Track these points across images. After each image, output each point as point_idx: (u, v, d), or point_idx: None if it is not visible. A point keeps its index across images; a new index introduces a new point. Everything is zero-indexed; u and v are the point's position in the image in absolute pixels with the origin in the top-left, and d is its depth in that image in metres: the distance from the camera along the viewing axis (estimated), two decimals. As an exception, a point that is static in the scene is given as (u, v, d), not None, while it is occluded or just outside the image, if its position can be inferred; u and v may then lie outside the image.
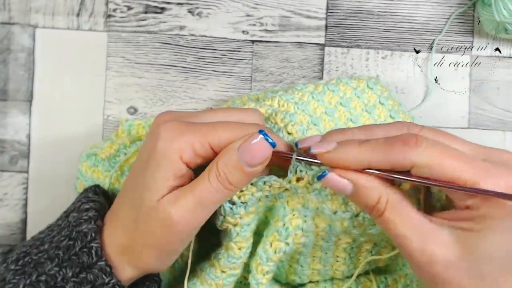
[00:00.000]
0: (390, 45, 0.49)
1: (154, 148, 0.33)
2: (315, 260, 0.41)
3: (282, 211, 0.36)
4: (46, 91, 0.48)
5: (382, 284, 0.42)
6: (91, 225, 0.35)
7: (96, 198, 0.38)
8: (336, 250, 0.40)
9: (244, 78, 0.49)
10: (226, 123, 0.34)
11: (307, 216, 0.36)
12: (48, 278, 0.34)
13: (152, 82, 0.48)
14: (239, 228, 0.36)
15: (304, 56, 0.48)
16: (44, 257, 0.35)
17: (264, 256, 0.37)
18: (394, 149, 0.31)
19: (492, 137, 0.48)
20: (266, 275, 0.38)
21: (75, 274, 0.34)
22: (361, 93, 0.42)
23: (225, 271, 0.38)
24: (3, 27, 0.48)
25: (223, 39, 0.48)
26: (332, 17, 0.48)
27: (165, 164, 0.33)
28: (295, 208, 0.36)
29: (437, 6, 0.49)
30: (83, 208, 0.37)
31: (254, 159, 0.33)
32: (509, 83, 0.49)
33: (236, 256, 0.37)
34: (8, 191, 0.48)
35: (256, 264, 0.38)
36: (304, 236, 0.37)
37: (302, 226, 0.36)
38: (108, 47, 0.48)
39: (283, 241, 0.36)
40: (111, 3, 0.48)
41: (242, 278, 0.43)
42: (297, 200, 0.36)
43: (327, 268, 0.41)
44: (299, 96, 0.41)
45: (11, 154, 0.48)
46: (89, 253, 0.34)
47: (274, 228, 0.37)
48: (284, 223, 0.36)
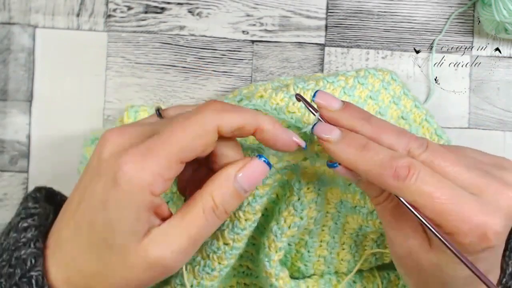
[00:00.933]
0: (390, 45, 0.49)
1: (115, 186, 0.28)
2: (322, 245, 0.41)
3: (297, 185, 0.36)
4: (46, 91, 0.48)
5: (385, 280, 0.42)
6: (30, 249, 0.31)
7: (35, 210, 0.34)
8: (343, 236, 0.40)
9: (244, 78, 0.49)
10: (180, 125, 0.30)
11: (320, 190, 0.37)
12: None
13: (152, 82, 0.48)
14: (251, 198, 0.36)
15: (304, 56, 0.48)
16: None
17: (279, 232, 0.37)
18: (384, 175, 0.30)
19: (492, 137, 0.48)
20: (279, 251, 0.37)
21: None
22: (388, 84, 0.42)
23: (228, 243, 0.37)
24: (3, 27, 0.48)
25: (223, 39, 0.48)
26: (332, 17, 0.49)
27: (135, 203, 0.29)
28: (310, 182, 0.37)
29: (437, 6, 0.49)
30: (21, 227, 0.32)
31: (253, 185, 0.32)
32: (509, 83, 0.49)
33: (241, 227, 0.36)
34: (8, 191, 0.48)
35: (270, 241, 0.37)
36: (316, 210, 0.37)
37: (316, 199, 0.37)
38: (108, 47, 0.48)
39: (298, 216, 0.36)
40: (111, 3, 0.48)
41: (245, 268, 0.43)
42: (312, 172, 0.37)
43: (333, 256, 0.41)
44: (331, 91, 0.40)
45: (11, 154, 0.48)
46: (29, 283, 0.30)
47: (288, 202, 0.37)
48: (299, 196, 0.36)
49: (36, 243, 0.31)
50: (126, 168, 0.28)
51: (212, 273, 0.38)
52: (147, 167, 0.28)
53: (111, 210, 0.29)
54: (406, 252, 0.32)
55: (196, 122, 0.29)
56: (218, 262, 0.37)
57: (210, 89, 0.48)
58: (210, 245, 0.38)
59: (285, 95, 0.39)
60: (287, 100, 0.39)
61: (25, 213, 0.34)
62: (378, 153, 0.30)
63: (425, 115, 0.43)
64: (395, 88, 0.42)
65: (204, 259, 0.38)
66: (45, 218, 0.34)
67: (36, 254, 0.31)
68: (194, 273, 0.38)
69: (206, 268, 0.38)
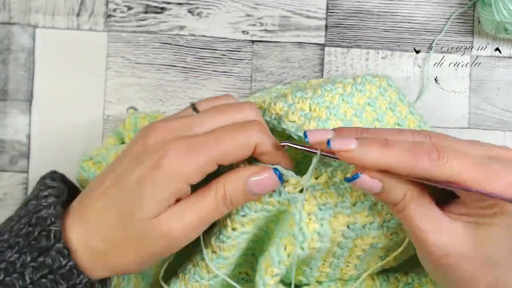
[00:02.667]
0: (390, 45, 0.49)
1: (157, 168, 0.32)
2: (326, 264, 0.40)
3: (298, 216, 0.36)
4: (46, 91, 0.48)
5: (385, 282, 0.42)
6: (51, 210, 0.34)
7: (54, 184, 0.38)
8: (349, 257, 0.40)
9: (244, 78, 0.49)
10: (228, 134, 0.33)
11: (323, 220, 0.36)
12: (7, 265, 0.33)
13: (152, 82, 0.48)
14: (240, 208, 0.36)
15: (304, 56, 0.48)
16: (4, 246, 0.34)
17: (277, 258, 0.37)
18: (418, 160, 0.31)
19: (492, 137, 0.48)
20: (275, 277, 0.37)
21: (33, 258, 0.33)
22: (384, 90, 0.42)
23: (216, 251, 0.37)
24: (3, 27, 0.48)
25: (223, 39, 0.48)
26: (332, 17, 0.49)
27: (170, 186, 0.33)
28: (311, 212, 0.36)
29: (437, 6, 0.49)
30: (41, 195, 0.36)
31: (262, 191, 0.35)
32: (509, 83, 0.49)
33: (227, 234, 0.37)
34: (8, 191, 0.48)
35: (267, 265, 0.37)
36: (319, 241, 0.36)
37: (319, 230, 0.36)
38: (108, 47, 0.48)
39: (298, 246, 0.36)
40: (111, 3, 0.48)
41: (244, 274, 0.43)
42: (313, 202, 0.36)
43: (336, 272, 0.41)
44: (329, 99, 0.39)
45: (11, 154, 0.48)
46: (48, 236, 0.33)
47: (289, 230, 0.36)
48: (301, 227, 0.36)
49: (56, 206, 0.35)
50: (172, 155, 0.32)
51: (201, 281, 0.38)
52: (191, 160, 0.32)
53: (146, 188, 0.32)
54: (442, 252, 0.32)
55: (243, 135, 0.33)
56: (207, 271, 0.38)
57: (210, 89, 0.48)
58: (200, 253, 0.38)
59: (284, 104, 0.38)
60: (286, 109, 0.38)
61: (44, 186, 0.37)
62: (402, 145, 0.32)
63: (419, 121, 0.43)
64: (391, 94, 0.42)
65: (194, 267, 0.38)
66: (62, 192, 0.37)
67: (56, 215, 0.34)
68: (185, 280, 0.38)
69: (196, 276, 0.38)
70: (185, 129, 0.34)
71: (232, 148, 0.33)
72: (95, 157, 0.44)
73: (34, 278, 0.33)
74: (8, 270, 0.33)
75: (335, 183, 0.36)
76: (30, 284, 0.33)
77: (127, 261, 0.34)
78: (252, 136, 0.34)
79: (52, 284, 0.33)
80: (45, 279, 0.33)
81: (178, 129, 0.34)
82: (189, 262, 0.39)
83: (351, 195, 0.36)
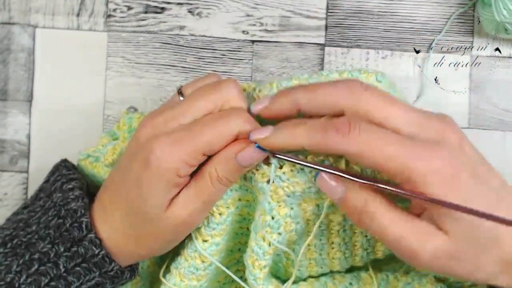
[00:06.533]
0: (390, 45, 0.49)
1: (147, 166, 0.34)
2: (311, 248, 0.41)
3: (267, 206, 0.37)
4: (46, 91, 0.48)
5: (384, 281, 0.42)
6: (80, 203, 0.36)
7: (73, 175, 0.39)
8: (330, 236, 0.40)
9: (244, 78, 0.49)
10: (210, 125, 0.34)
11: (293, 204, 0.37)
12: (41, 256, 0.35)
13: (152, 82, 0.48)
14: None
15: (304, 56, 0.48)
16: (35, 238, 0.35)
17: (260, 252, 0.37)
18: (328, 136, 0.31)
19: (492, 137, 0.48)
20: (263, 269, 0.38)
21: (67, 248, 0.35)
22: None
23: (207, 240, 0.38)
24: (3, 27, 0.48)
25: (223, 39, 0.48)
26: (332, 17, 0.49)
27: (162, 182, 0.34)
28: (280, 200, 0.37)
29: (437, 6, 0.49)
30: (66, 188, 0.38)
31: (252, 162, 0.35)
32: (509, 83, 0.49)
33: (217, 221, 0.38)
34: (8, 191, 0.48)
35: (252, 260, 0.38)
36: (294, 223, 0.37)
37: (290, 213, 0.37)
38: (108, 47, 0.48)
39: (275, 232, 0.37)
40: (111, 3, 0.48)
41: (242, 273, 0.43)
42: (281, 193, 0.37)
43: (323, 257, 0.41)
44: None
45: (11, 154, 0.48)
46: (80, 227, 0.35)
47: (262, 223, 0.37)
48: (273, 216, 0.37)
49: (83, 199, 0.37)
50: (157, 152, 0.33)
51: (197, 272, 0.39)
52: (175, 154, 0.33)
53: (143, 187, 0.34)
54: (432, 256, 0.31)
55: (224, 126, 0.34)
56: (201, 260, 0.39)
57: (210, 89, 0.48)
58: (190, 246, 0.38)
59: (267, 93, 0.38)
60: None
61: (66, 178, 0.39)
62: (315, 121, 0.32)
63: None
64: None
65: (187, 260, 0.39)
66: (83, 183, 0.39)
67: (85, 207, 0.36)
68: (180, 274, 0.39)
69: (191, 268, 0.39)
70: (170, 122, 0.35)
71: (214, 139, 0.34)
72: (92, 154, 0.44)
73: (68, 267, 0.35)
74: (42, 260, 0.35)
75: (299, 170, 0.36)
76: (65, 272, 0.35)
77: (148, 251, 0.37)
78: (233, 125, 0.34)
79: (85, 272, 0.35)
80: (78, 267, 0.35)
81: (163, 124, 0.35)
82: (180, 258, 0.39)
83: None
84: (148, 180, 0.34)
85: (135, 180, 0.34)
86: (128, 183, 0.35)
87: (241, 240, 0.43)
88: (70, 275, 0.35)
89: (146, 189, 0.34)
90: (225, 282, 0.44)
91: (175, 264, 0.40)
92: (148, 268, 0.44)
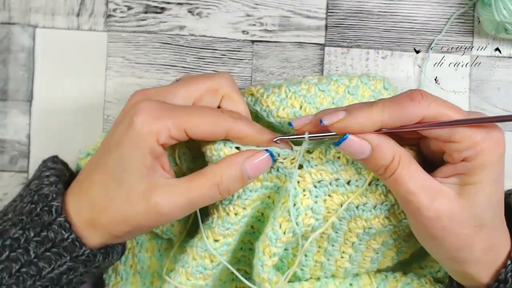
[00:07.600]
0: (390, 45, 0.49)
1: (130, 127, 0.34)
2: (320, 251, 0.41)
3: (293, 191, 0.37)
4: (46, 91, 0.48)
5: (383, 282, 0.42)
6: (53, 187, 0.36)
7: (55, 166, 0.40)
8: (344, 245, 0.40)
9: (244, 78, 0.49)
10: (201, 110, 0.35)
11: (318, 197, 0.37)
12: (12, 242, 0.34)
13: (152, 82, 0.48)
14: (241, 191, 0.37)
15: (304, 56, 0.48)
16: (9, 225, 0.35)
17: (274, 237, 0.37)
18: (403, 106, 0.33)
19: (492, 137, 0.48)
20: (273, 257, 0.38)
21: (37, 233, 0.34)
22: (379, 94, 0.42)
23: (219, 240, 0.38)
24: (3, 27, 0.48)
25: (223, 39, 0.48)
26: (332, 17, 0.49)
27: (142, 145, 0.33)
28: (306, 188, 0.37)
29: (437, 6, 0.49)
30: (43, 175, 0.38)
31: (257, 173, 0.36)
32: (509, 83, 0.49)
33: (231, 221, 0.37)
34: (8, 191, 0.48)
35: (264, 246, 0.38)
36: (313, 218, 0.37)
37: (313, 206, 0.37)
38: (108, 47, 0.48)
39: (293, 221, 0.37)
40: (111, 3, 0.48)
41: (243, 272, 0.43)
42: (308, 179, 0.37)
43: (330, 263, 0.41)
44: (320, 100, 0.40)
45: (11, 154, 0.48)
46: (49, 211, 0.35)
47: (283, 209, 0.37)
48: (295, 203, 0.37)
49: (57, 185, 0.37)
50: (143, 113, 0.33)
51: (205, 272, 0.38)
52: (160, 119, 0.33)
53: (124, 147, 0.34)
54: (435, 215, 0.33)
55: (213, 116, 0.35)
56: (210, 260, 0.38)
57: (210, 89, 0.48)
58: (200, 245, 0.38)
59: (276, 98, 0.39)
60: (278, 104, 0.39)
61: (46, 167, 0.39)
62: (385, 99, 0.34)
63: None
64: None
65: (196, 259, 0.38)
66: (63, 174, 0.39)
67: (57, 192, 0.36)
68: (187, 273, 0.39)
69: (199, 267, 0.38)
70: (161, 95, 0.36)
71: (200, 123, 0.34)
72: (92, 152, 0.44)
73: (38, 252, 0.34)
74: (13, 246, 0.34)
75: (328, 160, 0.37)
76: (35, 258, 0.34)
77: (116, 227, 0.35)
78: (222, 119, 0.35)
79: (56, 257, 0.34)
80: (49, 253, 0.34)
81: (154, 94, 0.36)
82: (187, 256, 0.39)
83: (346, 173, 0.37)
84: (129, 141, 0.34)
85: (116, 142, 0.34)
86: (109, 146, 0.35)
87: (244, 239, 0.42)
88: (41, 260, 0.34)
89: (125, 150, 0.34)
90: (226, 280, 0.44)
91: (181, 262, 0.39)
92: (149, 268, 0.44)
